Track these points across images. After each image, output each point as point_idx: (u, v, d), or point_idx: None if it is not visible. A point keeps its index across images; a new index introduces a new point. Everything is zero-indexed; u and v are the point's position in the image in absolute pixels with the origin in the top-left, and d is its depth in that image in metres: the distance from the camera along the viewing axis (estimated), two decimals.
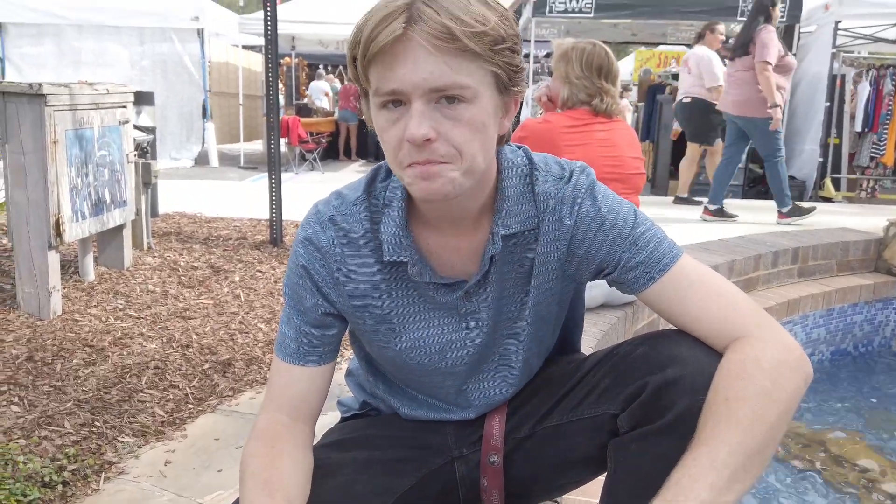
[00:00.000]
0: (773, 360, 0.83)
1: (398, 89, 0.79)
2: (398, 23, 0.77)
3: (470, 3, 0.79)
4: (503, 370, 1.04)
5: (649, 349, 0.92)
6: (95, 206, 3.05)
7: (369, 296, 0.97)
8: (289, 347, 0.99)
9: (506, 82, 0.84)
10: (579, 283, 1.03)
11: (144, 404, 2.16)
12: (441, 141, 0.81)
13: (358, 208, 0.96)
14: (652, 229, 0.94)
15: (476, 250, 0.96)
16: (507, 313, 1.00)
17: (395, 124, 0.82)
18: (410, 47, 0.77)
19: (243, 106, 10.55)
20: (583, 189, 0.94)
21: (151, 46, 9.58)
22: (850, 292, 3.33)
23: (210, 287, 3.27)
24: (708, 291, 0.91)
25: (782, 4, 7.66)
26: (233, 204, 5.41)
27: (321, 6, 10.55)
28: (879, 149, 7.64)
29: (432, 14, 0.76)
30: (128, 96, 3.29)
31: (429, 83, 0.78)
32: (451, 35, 0.77)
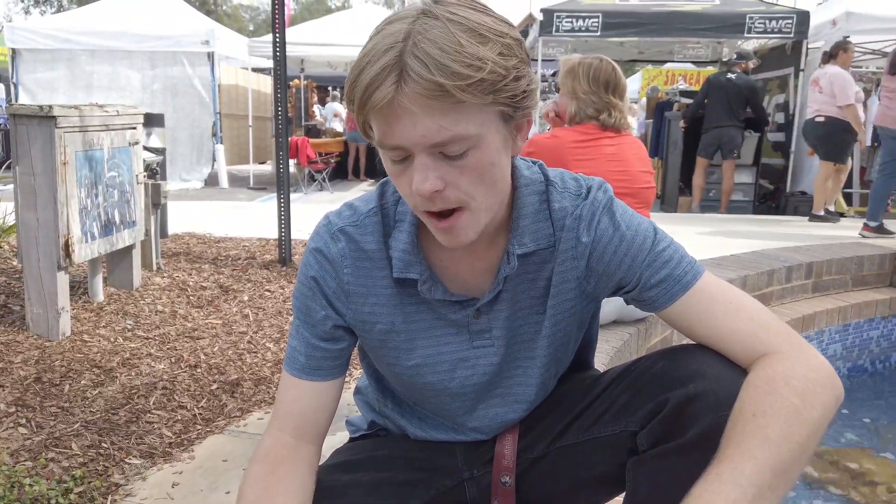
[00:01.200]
0: (803, 377, 0.80)
1: (399, 145, 0.78)
2: (388, 85, 0.73)
3: (462, 45, 0.73)
4: (517, 393, 1.01)
5: (669, 364, 0.89)
6: (105, 227, 3.06)
7: (379, 310, 0.95)
8: (297, 361, 0.97)
9: (511, 113, 0.80)
10: (597, 301, 1.00)
11: (152, 425, 2.14)
12: (450, 188, 0.79)
13: (370, 220, 0.94)
14: (672, 246, 0.92)
15: (490, 268, 0.94)
16: (521, 334, 0.97)
17: (403, 174, 0.81)
18: (404, 108, 0.74)
19: (253, 127, 10.64)
20: (600, 206, 0.92)
21: (163, 70, 9.71)
22: (865, 307, 3.27)
23: (219, 307, 3.26)
24: (732, 309, 0.88)
25: (788, 21, 7.68)
26: (242, 224, 5.42)
27: (330, 29, 10.67)
28: None
29: (422, 71, 0.72)
30: (137, 118, 3.31)
31: (428, 140, 0.76)
32: (443, 92, 0.73)
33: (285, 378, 0.98)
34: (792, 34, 7.76)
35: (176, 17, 10.12)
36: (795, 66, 8.09)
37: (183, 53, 9.65)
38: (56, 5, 28.77)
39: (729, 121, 7.24)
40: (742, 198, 7.85)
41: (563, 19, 7.97)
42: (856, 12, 7.48)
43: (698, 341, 0.91)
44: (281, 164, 4.06)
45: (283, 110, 4.04)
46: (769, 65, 9.07)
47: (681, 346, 0.93)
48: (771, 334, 0.86)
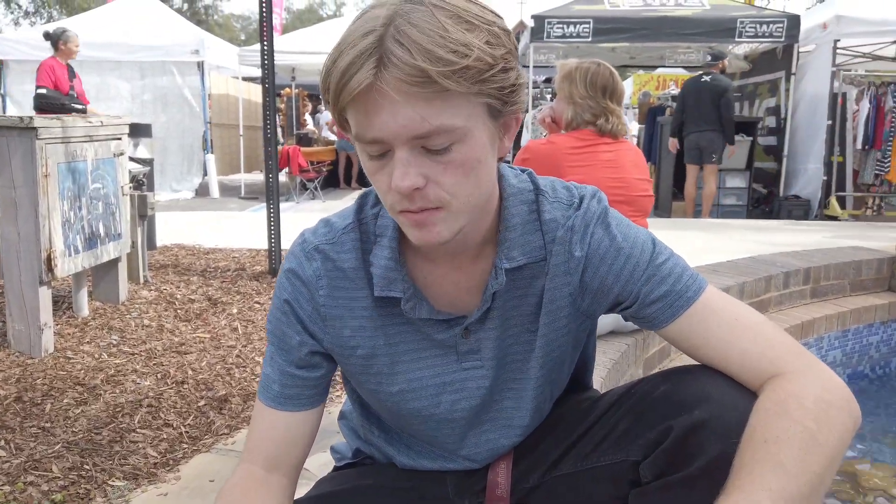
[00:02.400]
0: (817, 399, 0.75)
1: (378, 138, 0.71)
2: (367, 70, 0.67)
3: (447, 31, 0.67)
4: (510, 418, 0.94)
5: (672, 387, 0.83)
6: (89, 240, 2.99)
7: (360, 333, 0.88)
8: (271, 390, 0.90)
9: (499, 107, 0.74)
10: (593, 318, 0.94)
11: (136, 445, 2.07)
12: (431, 186, 0.73)
13: (347, 237, 0.87)
14: (672, 258, 0.86)
15: (477, 284, 0.87)
16: (512, 354, 0.91)
17: (382, 171, 0.74)
18: (384, 95, 0.68)
19: (244, 137, 10.57)
20: (594, 216, 0.86)
21: (152, 80, 9.64)
22: (864, 313, 3.23)
23: (207, 320, 3.19)
24: (738, 325, 0.82)
25: (779, 25, 7.69)
26: (232, 234, 5.35)
27: (321, 37, 10.61)
28: (884, 166, 7.59)
29: (403, 55, 0.66)
30: (122, 128, 3.25)
31: (409, 131, 0.70)
32: (427, 78, 0.67)
33: (258, 408, 0.92)
34: (783, 38, 7.77)
35: (165, 26, 10.06)
36: (786, 69, 8.10)
37: (173, 63, 9.59)
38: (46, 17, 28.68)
39: (707, 125, 7.01)
40: (735, 202, 7.84)
41: (554, 25, 7.95)
42: (846, 16, 7.49)
43: (702, 362, 0.85)
44: (271, 175, 4.00)
45: (273, 119, 3.99)
46: (760, 69, 9.07)
47: (684, 368, 0.87)
48: (781, 353, 0.80)
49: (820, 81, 7.79)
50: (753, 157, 7.87)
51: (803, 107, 8.13)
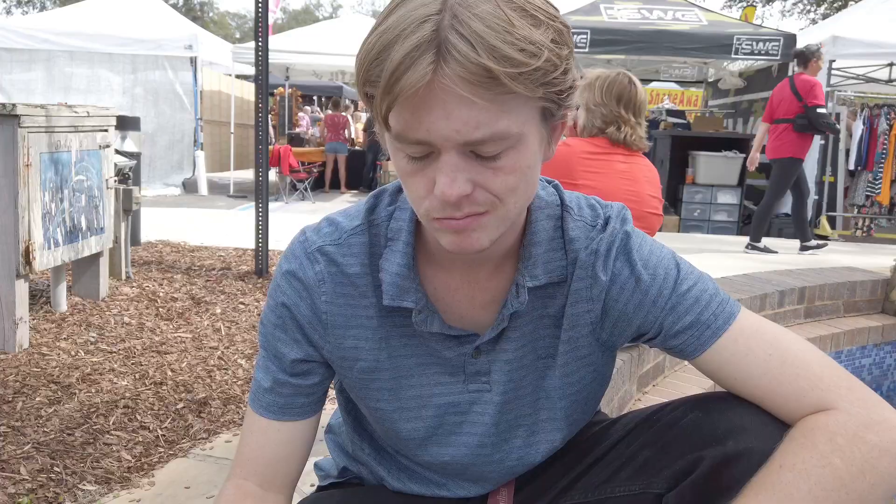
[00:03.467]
0: (854, 436, 0.68)
1: (425, 140, 0.63)
2: (425, 63, 0.59)
3: (514, 25, 0.59)
4: (520, 456, 0.86)
5: (703, 416, 0.76)
6: (70, 234, 2.90)
7: (362, 344, 0.81)
8: (264, 399, 0.83)
9: (554, 111, 0.67)
10: (613, 350, 0.86)
11: (110, 447, 1.99)
12: (480, 191, 0.65)
13: (356, 239, 0.80)
14: (699, 284, 0.78)
15: (493, 301, 0.80)
16: (524, 382, 0.83)
17: (421, 173, 0.66)
18: (440, 92, 0.60)
19: (235, 134, 10.47)
20: (618, 240, 0.79)
21: (144, 74, 9.54)
22: (858, 334, 3.20)
23: (189, 319, 3.11)
24: (776, 358, 0.74)
25: (775, 43, 7.71)
26: (219, 233, 5.27)
27: (316, 38, 10.56)
28: (875, 187, 7.62)
29: (466, 51, 0.58)
30: (109, 120, 3.16)
31: (462, 136, 0.62)
32: (492, 79, 0.59)
33: (250, 417, 0.85)
34: (778, 56, 7.78)
35: (159, 20, 9.97)
36: None
37: (165, 58, 9.49)
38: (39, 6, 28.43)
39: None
40: (727, 218, 7.84)
41: None
42: (842, 37, 7.52)
43: (739, 395, 0.78)
44: (261, 173, 3.93)
45: (265, 118, 3.92)
46: (755, 86, 9.11)
47: (715, 395, 0.80)
48: (826, 389, 0.72)
49: None
50: (746, 174, 7.88)
51: None
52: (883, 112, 7.52)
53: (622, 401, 2.12)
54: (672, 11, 8.49)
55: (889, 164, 7.52)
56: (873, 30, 7.68)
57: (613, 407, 2.00)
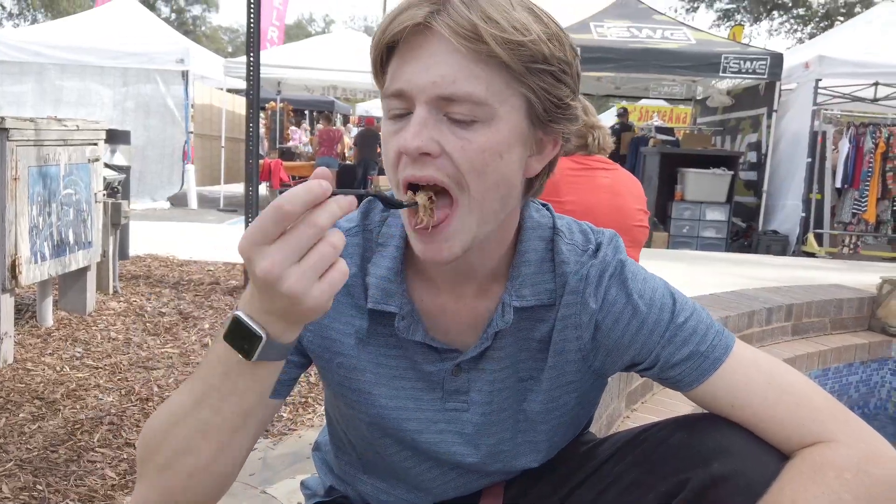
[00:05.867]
0: (861, 472, 0.68)
1: (403, 90, 0.67)
2: (420, 10, 0.65)
3: (513, 8, 0.66)
4: (500, 473, 0.86)
5: (689, 436, 0.76)
6: (57, 248, 2.88)
7: (345, 340, 0.81)
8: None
9: (540, 113, 0.69)
10: (605, 377, 0.85)
11: (94, 465, 1.97)
12: (444, 158, 0.67)
13: (351, 240, 0.80)
14: (695, 315, 0.78)
15: (478, 319, 0.80)
16: (504, 405, 0.82)
17: (397, 135, 0.69)
18: (427, 41, 0.66)
19: (225, 148, 10.46)
20: (611, 268, 0.79)
21: (135, 87, 9.53)
22: (845, 352, 3.22)
23: (176, 335, 3.08)
24: (774, 389, 0.74)
25: (762, 62, 7.80)
26: (208, 247, 5.24)
27: (308, 52, 10.60)
28: (861, 205, 7.69)
29: (461, 8, 0.65)
30: (99, 133, 3.15)
31: (438, 88, 0.65)
32: (476, 35, 0.64)
33: None
34: (765, 75, 7.88)
35: (151, 34, 9.98)
36: (768, 106, 8.21)
37: (157, 71, 9.49)
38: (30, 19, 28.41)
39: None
40: (715, 235, 7.89)
41: None
42: (828, 56, 7.62)
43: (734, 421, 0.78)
44: (251, 187, 3.92)
45: (255, 131, 3.92)
46: (742, 104, 9.20)
47: (702, 416, 0.80)
48: (824, 421, 0.73)
49: (801, 119, 7.91)
50: (734, 190, 7.95)
51: (784, 143, 8.25)
52: (869, 131, 7.61)
53: (610, 418, 2.12)
54: (661, 30, 8.59)
55: (875, 182, 7.60)
56: (859, 50, 7.79)
57: (602, 425, 1.99)
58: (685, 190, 7.92)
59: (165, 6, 35.84)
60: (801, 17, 22.78)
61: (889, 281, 3.50)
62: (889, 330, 3.44)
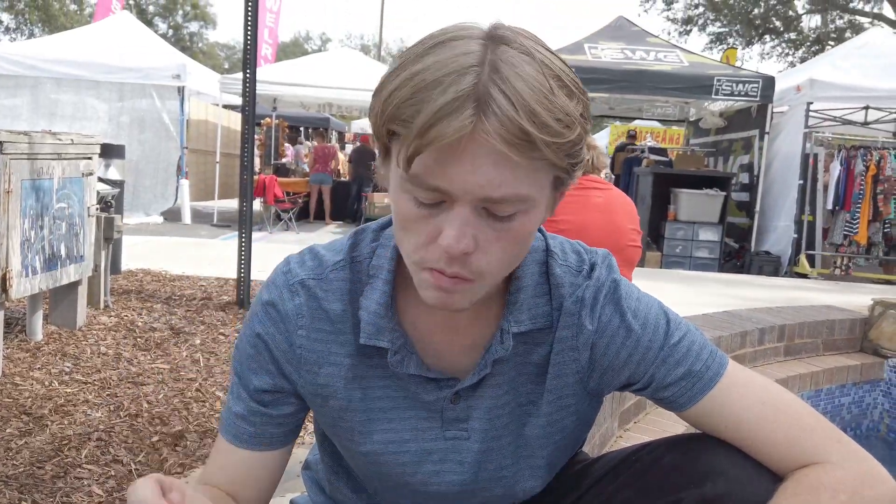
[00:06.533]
0: (855, 493, 0.68)
1: (445, 189, 0.61)
2: (465, 115, 0.58)
3: (554, 94, 0.60)
4: (496, 500, 0.85)
5: (680, 457, 0.76)
6: (49, 261, 2.86)
7: (336, 382, 0.80)
8: (233, 426, 0.82)
9: (564, 180, 0.67)
10: (600, 397, 0.85)
11: (81, 481, 1.94)
12: (479, 254, 0.64)
13: (336, 275, 0.79)
14: (690, 335, 0.78)
15: (473, 346, 0.79)
16: (505, 430, 0.81)
17: (425, 220, 0.64)
18: (473, 145, 0.59)
19: (220, 164, 10.47)
20: (605, 288, 0.78)
21: (131, 102, 9.56)
22: (837, 373, 3.23)
23: (167, 350, 3.06)
24: (768, 410, 0.74)
25: (754, 85, 7.89)
26: (201, 262, 5.23)
27: (304, 70, 10.66)
28: (852, 227, 7.74)
29: (508, 110, 0.58)
30: (93, 147, 3.15)
31: (484, 191, 0.61)
32: (528, 142, 0.59)
33: (219, 442, 0.84)
34: (758, 98, 7.96)
35: (147, 49, 10.02)
36: (760, 128, 8.29)
37: (153, 86, 9.52)
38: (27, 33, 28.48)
39: None
40: (708, 255, 7.92)
41: None
42: (819, 80, 7.72)
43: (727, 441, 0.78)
44: (245, 203, 3.92)
45: (251, 147, 3.92)
46: (735, 126, 9.29)
47: (694, 436, 0.80)
48: (817, 442, 0.72)
49: (792, 141, 7.98)
50: (726, 211, 7.99)
51: (776, 165, 8.31)
52: (860, 154, 7.69)
53: (603, 438, 2.11)
54: (654, 52, 8.68)
55: (866, 204, 7.66)
56: (849, 74, 7.89)
57: (595, 444, 1.99)
58: (678, 210, 7.97)
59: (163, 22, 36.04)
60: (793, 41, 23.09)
61: (881, 303, 3.52)
62: (881, 351, 3.45)
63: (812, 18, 22.54)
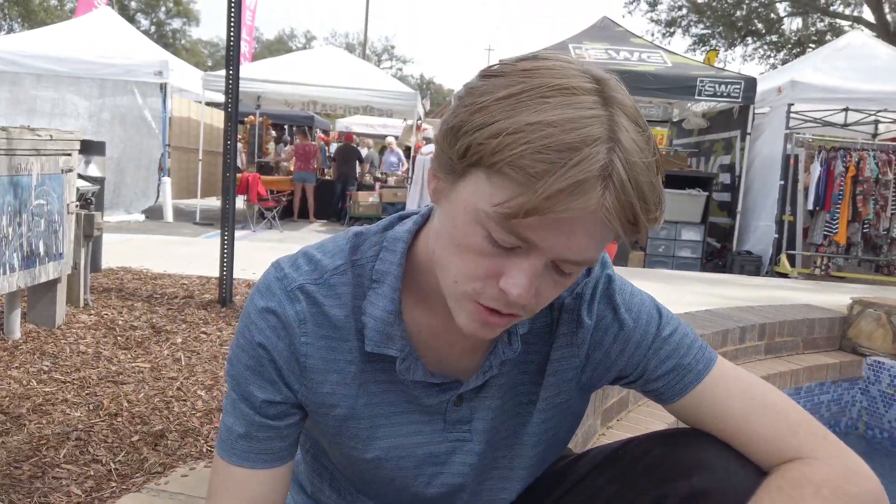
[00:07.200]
0: (838, 490, 0.68)
1: (533, 243, 0.59)
2: (595, 195, 0.56)
3: (656, 177, 0.60)
4: (492, 500, 0.85)
5: (667, 451, 0.77)
6: (27, 259, 2.82)
7: (340, 390, 0.77)
8: (238, 446, 0.77)
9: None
10: (590, 392, 0.86)
11: (59, 482, 1.92)
12: (534, 299, 0.64)
13: (339, 280, 0.75)
14: (680, 329, 0.80)
15: (476, 347, 0.78)
16: (505, 428, 0.82)
17: (491, 259, 0.62)
18: (585, 216, 0.57)
19: (203, 161, 10.39)
20: (601, 284, 0.79)
21: (112, 99, 9.46)
22: (816, 371, 3.26)
23: (148, 349, 3.03)
24: (755, 405, 0.75)
25: (736, 86, 7.96)
26: (183, 260, 5.18)
27: (288, 67, 10.60)
28: (832, 227, 7.84)
29: (629, 189, 0.57)
30: (73, 144, 3.11)
31: (571, 255, 0.60)
32: (633, 224, 0.59)
33: (223, 469, 0.78)
34: (739, 99, 8.04)
35: (129, 46, 9.92)
36: (742, 129, 8.37)
37: (134, 83, 9.43)
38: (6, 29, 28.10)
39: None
40: (690, 255, 7.98)
41: None
42: (800, 82, 7.80)
43: (713, 435, 0.78)
44: (227, 200, 3.89)
45: (233, 144, 3.89)
46: (717, 127, 9.37)
47: (680, 430, 0.80)
48: (802, 437, 0.73)
49: (773, 142, 8.07)
50: (709, 211, 8.06)
51: (757, 166, 8.40)
52: (839, 154, 7.78)
53: (586, 435, 2.12)
54: (638, 53, 8.74)
55: (846, 204, 7.75)
56: (830, 76, 7.98)
57: (578, 441, 1.99)
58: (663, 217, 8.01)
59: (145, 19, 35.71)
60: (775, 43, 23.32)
61: (859, 302, 3.56)
62: (859, 350, 3.49)
63: (793, 21, 22.80)
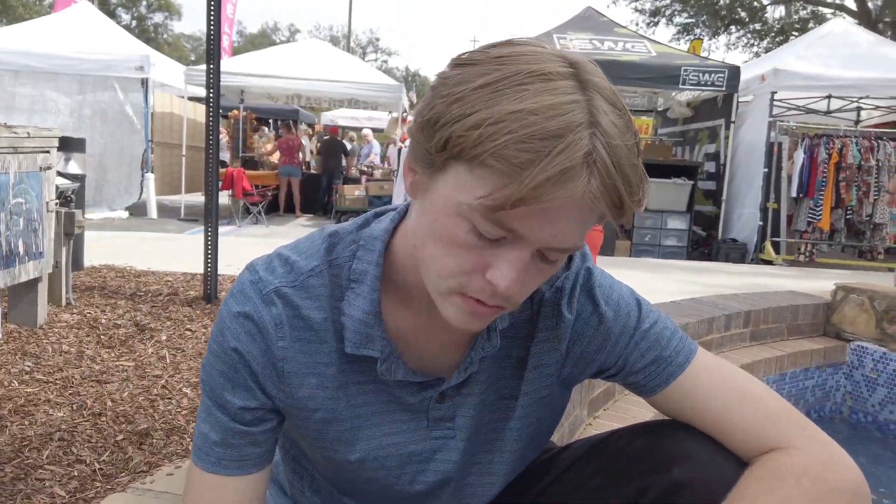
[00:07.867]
0: (819, 478, 0.68)
1: (520, 234, 0.58)
2: (581, 182, 0.55)
3: (637, 160, 0.59)
4: (472, 493, 0.84)
5: (650, 442, 0.77)
6: (6, 258, 2.79)
7: (319, 393, 0.76)
8: (212, 453, 0.76)
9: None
10: (571, 387, 0.85)
11: (43, 483, 1.90)
12: (521, 288, 0.63)
13: (315, 281, 0.74)
14: (660, 322, 0.79)
15: (457, 343, 0.77)
16: (487, 423, 0.81)
17: (480, 251, 0.60)
18: (571, 203, 0.56)
19: (186, 157, 10.30)
20: (581, 277, 0.79)
21: (92, 95, 9.35)
22: (801, 357, 3.29)
23: (132, 347, 3.01)
24: (735, 396, 0.75)
25: (720, 75, 7.98)
26: (167, 257, 5.14)
27: (272, 61, 10.51)
28: (816, 214, 7.90)
29: (613, 172, 0.56)
30: (52, 141, 3.07)
31: (556, 242, 0.59)
32: (619, 208, 0.58)
33: (199, 477, 0.77)
34: (723, 87, 8.06)
35: (109, 41, 9.79)
36: (726, 117, 8.40)
37: (115, 78, 9.32)
38: None
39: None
40: (676, 243, 8.02)
41: None
42: (783, 69, 7.84)
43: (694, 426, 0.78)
44: (211, 195, 3.86)
45: (216, 139, 3.86)
46: (701, 115, 9.40)
47: (663, 422, 0.80)
48: (782, 427, 0.73)
49: (757, 130, 8.10)
50: (694, 200, 8.10)
51: (741, 154, 8.44)
52: (822, 142, 7.83)
53: (573, 426, 2.12)
54: (622, 43, 8.74)
55: (829, 191, 7.81)
56: (812, 64, 8.03)
57: (564, 432, 2.00)
58: (647, 199, 8.05)
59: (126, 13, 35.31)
60: (758, 31, 23.42)
61: (843, 287, 3.59)
62: (843, 335, 3.52)
63: (777, 9, 22.90)
